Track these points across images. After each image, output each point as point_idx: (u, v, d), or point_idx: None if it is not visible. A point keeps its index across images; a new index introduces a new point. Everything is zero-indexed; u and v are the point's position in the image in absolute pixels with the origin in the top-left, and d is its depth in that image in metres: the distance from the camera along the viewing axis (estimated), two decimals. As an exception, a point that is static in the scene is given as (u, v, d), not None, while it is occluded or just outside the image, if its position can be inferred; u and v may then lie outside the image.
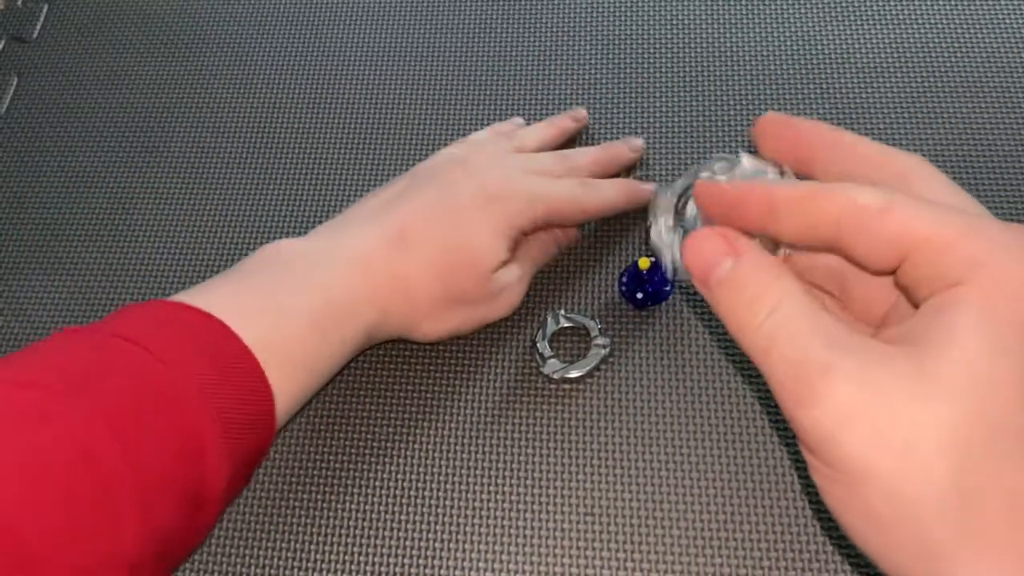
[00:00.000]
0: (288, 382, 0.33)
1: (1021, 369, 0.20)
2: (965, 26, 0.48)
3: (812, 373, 0.21)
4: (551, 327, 0.39)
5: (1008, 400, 0.20)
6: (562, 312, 0.40)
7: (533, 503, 0.37)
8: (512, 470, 0.37)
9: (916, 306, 0.22)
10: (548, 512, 0.36)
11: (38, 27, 0.52)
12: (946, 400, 0.20)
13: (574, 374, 0.38)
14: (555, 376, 0.38)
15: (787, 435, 0.37)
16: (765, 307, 0.22)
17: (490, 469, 0.37)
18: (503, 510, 0.37)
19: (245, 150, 0.47)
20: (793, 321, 0.22)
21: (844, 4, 0.49)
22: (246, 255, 0.44)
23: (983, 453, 0.20)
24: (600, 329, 0.39)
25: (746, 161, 0.26)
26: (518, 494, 0.37)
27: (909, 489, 0.20)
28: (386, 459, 0.38)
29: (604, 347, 0.39)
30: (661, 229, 0.27)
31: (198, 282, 0.43)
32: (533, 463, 0.38)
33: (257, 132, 0.47)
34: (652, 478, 0.37)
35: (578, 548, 0.36)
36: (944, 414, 0.20)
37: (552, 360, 0.38)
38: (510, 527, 0.36)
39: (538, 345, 0.39)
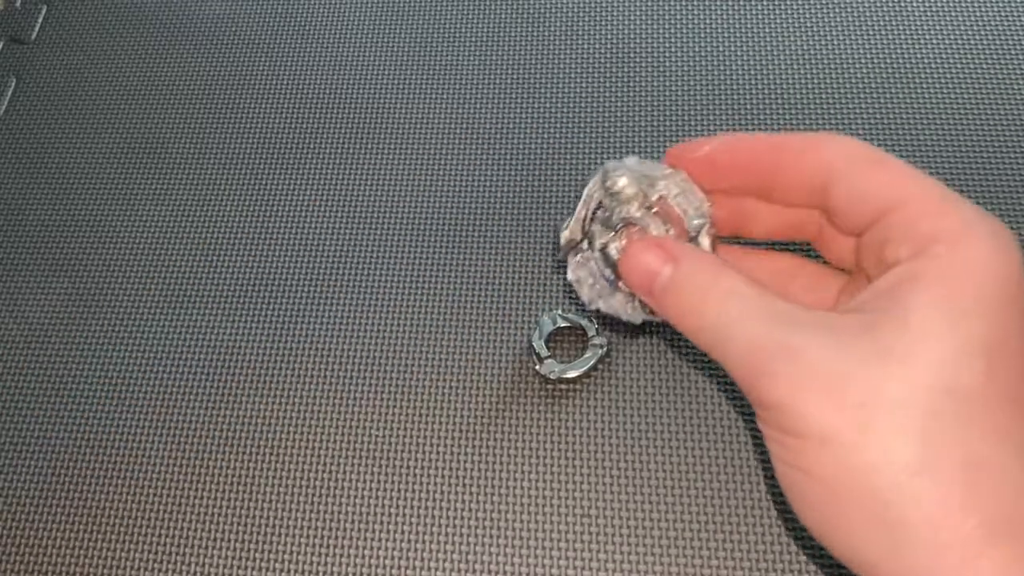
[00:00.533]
0: None
1: (979, 342, 0.20)
2: (936, 36, 0.47)
3: (768, 350, 0.21)
4: (548, 327, 0.39)
5: (964, 369, 0.20)
6: (559, 312, 0.40)
7: (530, 504, 0.37)
8: (509, 471, 0.37)
9: (870, 279, 0.23)
10: (545, 513, 0.36)
11: (36, 28, 0.52)
12: (903, 365, 0.20)
13: (572, 374, 0.38)
14: (552, 376, 0.38)
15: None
16: (713, 303, 0.23)
17: (487, 470, 0.37)
18: (500, 511, 0.36)
19: (245, 150, 0.47)
20: (744, 310, 0.22)
21: (825, 24, 0.49)
22: (245, 255, 0.44)
23: (943, 417, 0.20)
24: (597, 328, 0.39)
25: (634, 162, 0.26)
26: (515, 495, 0.37)
27: (866, 451, 0.20)
28: (381, 458, 0.38)
29: (601, 347, 0.38)
30: (572, 267, 0.28)
31: (197, 282, 0.43)
32: (530, 464, 0.37)
33: (257, 132, 0.47)
34: (649, 479, 0.37)
35: (575, 550, 0.36)
36: (901, 378, 0.20)
37: (549, 360, 0.38)
38: (507, 528, 0.36)
39: (535, 345, 0.39)
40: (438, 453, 0.38)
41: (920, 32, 0.47)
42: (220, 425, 0.39)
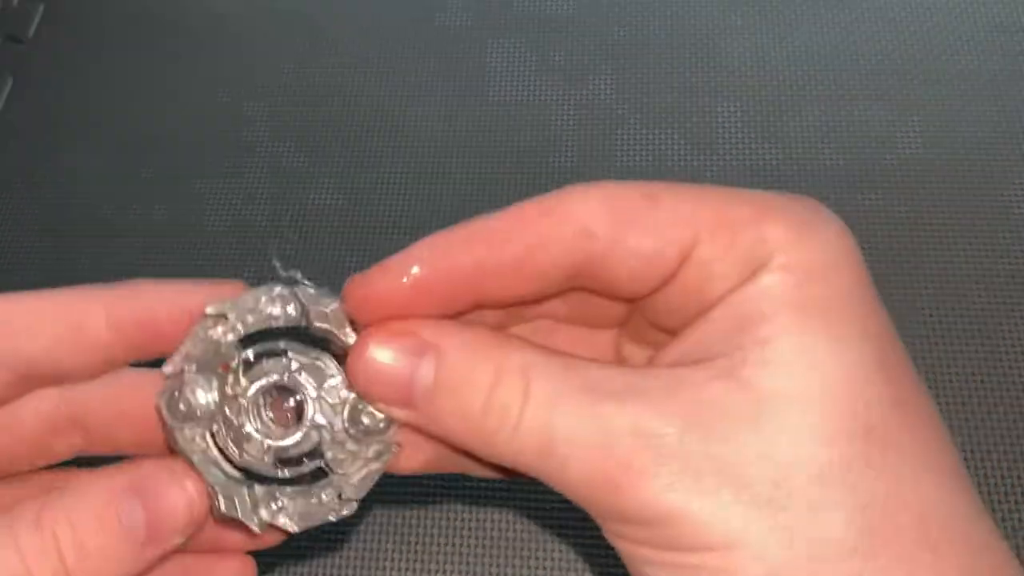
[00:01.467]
0: None
1: (869, 364, 0.16)
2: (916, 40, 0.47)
3: (616, 445, 0.16)
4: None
5: (867, 402, 0.16)
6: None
7: (530, 504, 0.36)
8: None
9: (674, 332, 0.18)
10: (546, 511, 0.36)
11: (33, 27, 0.52)
12: (797, 414, 0.16)
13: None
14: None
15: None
16: (514, 396, 0.16)
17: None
18: (500, 512, 0.36)
19: (244, 149, 0.47)
20: (559, 395, 0.16)
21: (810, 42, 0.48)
22: (244, 254, 0.43)
23: (869, 467, 0.16)
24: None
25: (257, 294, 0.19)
26: (515, 495, 0.37)
27: (796, 540, 0.15)
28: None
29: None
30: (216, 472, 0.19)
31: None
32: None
33: (256, 131, 0.47)
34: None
35: (576, 552, 0.35)
36: (801, 431, 0.16)
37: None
38: (507, 529, 0.36)
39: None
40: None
41: (920, 31, 0.47)
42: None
